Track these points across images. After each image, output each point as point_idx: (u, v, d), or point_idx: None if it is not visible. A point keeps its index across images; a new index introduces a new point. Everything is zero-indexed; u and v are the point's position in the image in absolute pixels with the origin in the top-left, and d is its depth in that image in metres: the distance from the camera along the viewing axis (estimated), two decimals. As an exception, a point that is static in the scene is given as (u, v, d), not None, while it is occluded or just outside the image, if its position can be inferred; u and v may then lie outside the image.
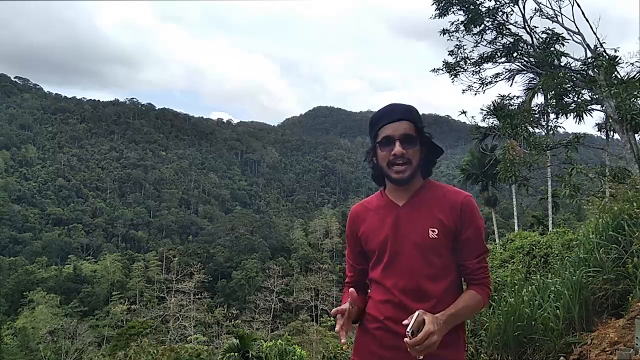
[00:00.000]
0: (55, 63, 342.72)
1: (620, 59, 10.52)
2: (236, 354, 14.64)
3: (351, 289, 1.73)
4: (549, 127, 12.46)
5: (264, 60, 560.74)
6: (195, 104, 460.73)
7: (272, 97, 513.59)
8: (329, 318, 43.55)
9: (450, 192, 1.79)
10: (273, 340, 14.34)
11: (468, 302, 1.73)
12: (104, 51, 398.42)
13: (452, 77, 11.92)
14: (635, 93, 9.53)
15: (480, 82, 12.08)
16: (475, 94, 12.16)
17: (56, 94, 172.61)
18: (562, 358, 4.08)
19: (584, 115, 11.21)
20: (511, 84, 12.63)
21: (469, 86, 12.12)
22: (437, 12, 11.46)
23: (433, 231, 1.72)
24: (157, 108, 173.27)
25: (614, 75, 10.32)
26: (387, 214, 1.79)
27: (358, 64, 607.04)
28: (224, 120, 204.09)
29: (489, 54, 11.70)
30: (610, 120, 10.32)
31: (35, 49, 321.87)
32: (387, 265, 1.78)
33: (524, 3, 11.21)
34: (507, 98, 12.75)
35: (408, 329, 1.50)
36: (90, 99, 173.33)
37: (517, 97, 13.40)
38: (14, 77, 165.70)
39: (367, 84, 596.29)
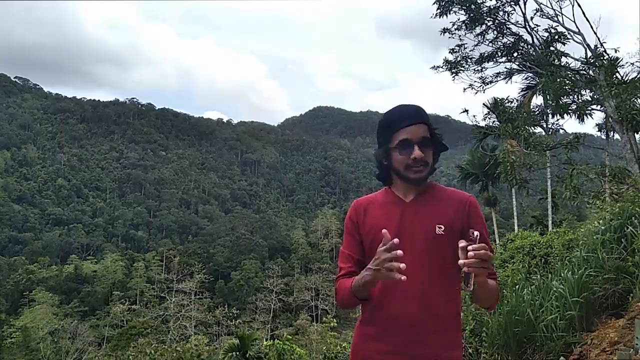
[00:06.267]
0: (46, 63, 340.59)
1: (621, 60, 10.53)
2: (237, 353, 14.71)
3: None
4: (549, 128, 12.47)
5: (252, 59, 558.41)
6: (187, 104, 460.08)
7: (263, 96, 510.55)
8: (330, 318, 43.54)
9: (455, 192, 1.86)
10: (272, 340, 14.36)
11: (492, 284, 1.74)
12: (92, 51, 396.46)
13: (453, 75, 11.91)
14: (636, 93, 9.52)
15: (481, 81, 12.07)
16: (476, 93, 12.15)
17: (56, 94, 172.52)
18: (562, 358, 4.09)
19: (585, 116, 11.22)
20: (509, 82, 12.62)
21: (470, 85, 12.10)
22: (439, 11, 11.44)
23: (439, 227, 1.74)
24: (157, 108, 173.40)
25: (614, 75, 10.31)
26: (393, 208, 1.81)
27: (347, 63, 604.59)
28: (224, 120, 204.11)
29: (490, 53, 11.69)
30: (610, 120, 10.31)
31: (25, 49, 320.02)
32: None
33: (525, 3, 11.22)
34: (507, 101, 12.77)
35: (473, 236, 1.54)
36: (91, 99, 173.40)
37: (516, 100, 13.42)
38: (14, 77, 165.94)
39: (358, 83, 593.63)
